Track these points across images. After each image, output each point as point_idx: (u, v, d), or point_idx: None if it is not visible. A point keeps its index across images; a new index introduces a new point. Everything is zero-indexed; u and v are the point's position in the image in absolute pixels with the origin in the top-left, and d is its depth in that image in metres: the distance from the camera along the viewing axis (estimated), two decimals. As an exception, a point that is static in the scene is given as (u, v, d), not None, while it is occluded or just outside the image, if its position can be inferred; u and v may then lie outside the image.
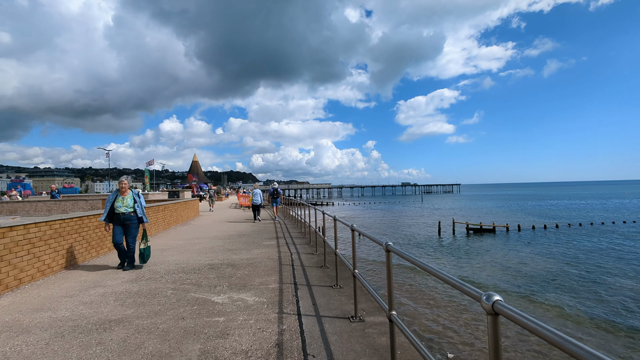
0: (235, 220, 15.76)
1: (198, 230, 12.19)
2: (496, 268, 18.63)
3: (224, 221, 15.42)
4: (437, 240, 29.33)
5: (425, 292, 13.36)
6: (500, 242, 28.09)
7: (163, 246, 8.73)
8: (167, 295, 4.66)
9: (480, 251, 24.08)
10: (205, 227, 13.17)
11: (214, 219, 16.64)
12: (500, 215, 47.74)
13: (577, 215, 46.21)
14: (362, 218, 48.73)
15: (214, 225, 13.85)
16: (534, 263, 19.69)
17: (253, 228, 12.59)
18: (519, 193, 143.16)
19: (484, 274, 17.24)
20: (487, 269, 18.22)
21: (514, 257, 21.55)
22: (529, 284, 15.42)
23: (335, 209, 68.77)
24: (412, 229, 36.58)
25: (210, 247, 8.48)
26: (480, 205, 73.21)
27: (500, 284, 15.46)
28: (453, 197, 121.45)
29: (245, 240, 9.53)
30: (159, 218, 11.53)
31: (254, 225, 13.64)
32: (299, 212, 13.76)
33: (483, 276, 16.80)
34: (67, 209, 17.95)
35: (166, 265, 6.49)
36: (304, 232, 11.15)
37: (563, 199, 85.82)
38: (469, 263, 19.90)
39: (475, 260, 20.77)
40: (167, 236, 10.59)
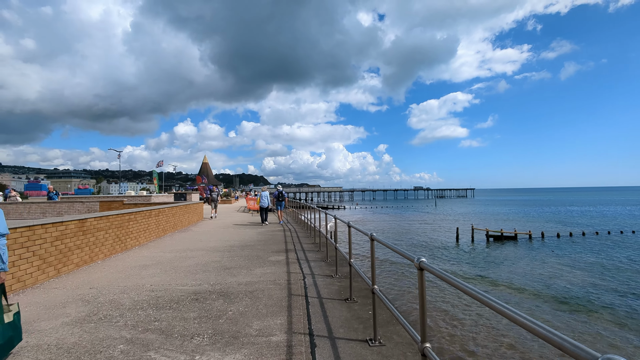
0: (241, 226, 14.19)
1: (196, 238, 10.61)
2: (527, 279, 16.62)
3: (229, 227, 13.86)
4: (455, 247, 27.42)
5: (469, 323, 11.46)
6: (523, 250, 25.91)
7: (146, 261, 7.14)
8: (113, 356, 3.01)
9: (504, 260, 22.16)
10: (206, 234, 11.60)
11: (217, 224, 15.09)
12: (519, 222, 45.54)
13: (602, 223, 43.54)
14: (375, 222, 46.89)
15: (216, 232, 12.28)
16: (571, 276, 17.55)
17: (259, 237, 10.95)
18: (536, 198, 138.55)
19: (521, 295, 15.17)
20: (520, 283, 16.15)
21: (542, 268, 19.53)
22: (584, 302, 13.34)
23: (346, 213, 66.88)
24: (427, 235, 34.71)
25: (203, 264, 6.84)
26: (496, 210, 70.75)
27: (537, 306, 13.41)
28: (467, 201, 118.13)
29: (247, 254, 7.88)
30: (151, 225, 9.98)
31: (261, 232, 12.02)
32: (309, 216, 12.37)
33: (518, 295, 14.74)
34: (63, 211, 16.69)
35: (136, 294, 4.84)
36: (318, 243, 9.45)
37: (584, 205, 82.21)
38: (497, 275, 17.85)
39: (503, 271, 18.74)
40: (157, 246, 9.03)
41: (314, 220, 11.45)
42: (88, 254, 6.67)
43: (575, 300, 13.91)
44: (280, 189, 16.03)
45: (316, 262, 7.08)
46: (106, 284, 5.35)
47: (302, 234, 11.88)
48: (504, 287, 15.74)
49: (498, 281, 16.66)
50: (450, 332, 9.97)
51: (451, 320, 10.93)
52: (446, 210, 70.72)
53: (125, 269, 6.38)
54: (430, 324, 10.62)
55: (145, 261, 7.11)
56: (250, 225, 14.87)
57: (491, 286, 15.86)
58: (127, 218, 8.37)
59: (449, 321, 10.85)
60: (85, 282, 5.50)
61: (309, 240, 10.41)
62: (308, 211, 13.04)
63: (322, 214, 8.49)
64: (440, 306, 12.26)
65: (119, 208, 16.90)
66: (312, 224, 10.80)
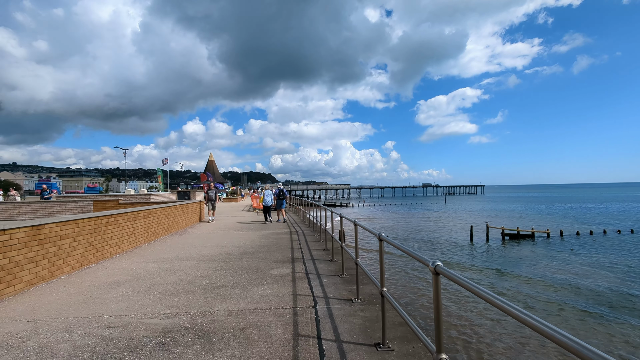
0: (243, 227, 12.89)
1: (190, 243, 9.29)
2: (556, 285, 15.04)
3: (229, 229, 12.56)
4: (470, 246, 26.00)
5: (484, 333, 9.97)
6: (542, 249, 24.31)
7: (121, 275, 5.82)
8: None
9: (523, 261, 20.72)
10: (202, 238, 10.29)
11: (217, 226, 13.79)
12: (534, 219, 43.74)
13: (622, 221, 41.27)
14: (384, 220, 45.42)
15: (214, 235, 10.97)
16: (600, 279, 15.89)
17: (262, 241, 9.60)
18: (549, 195, 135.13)
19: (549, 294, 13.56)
20: (547, 288, 14.55)
21: (567, 269, 18.01)
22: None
23: (354, 210, 65.42)
24: (439, 233, 33.09)
25: (188, 280, 5.49)
26: (509, 207, 68.65)
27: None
28: (477, 198, 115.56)
29: (246, 266, 6.51)
30: (137, 228, 8.69)
31: (264, 236, 10.66)
32: (315, 214, 11.38)
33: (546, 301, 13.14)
34: (55, 211, 15.60)
35: (83, 333, 3.47)
36: (330, 250, 8.07)
37: (600, 202, 79.23)
38: (517, 277, 16.29)
39: (523, 273, 17.27)
40: (142, 254, 7.72)
41: (320, 219, 10.39)
42: (47, 268, 5.38)
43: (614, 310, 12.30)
44: (282, 186, 15.55)
45: (329, 276, 5.68)
46: (53, 314, 4.03)
47: (311, 237, 10.50)
48: (535, 299, 14.15)
49: (521, 292, 15.03)
50: (467, 340, 9.10)
51: (468, 328, 10.01)
52: (457, 208, 68.99)
53: (88, 289, 5.06)
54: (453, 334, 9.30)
55: (119, 276, 5.79)
56: (253, 225, 13.56)
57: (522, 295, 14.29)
58: (104, 222, 7.07)
59: (465, 329, 9.91)
60: (28, 309, 4.19)
61: (319, 245, 9.02)
62: (315, 209, 11.68)
63: (331, 213, 7.57)
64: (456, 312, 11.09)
65: (114, 207, 15.74)
66: (319, 223, 9.94)
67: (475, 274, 17.73)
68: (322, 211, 9.06)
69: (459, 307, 11.68)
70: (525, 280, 16.18)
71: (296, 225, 14.07)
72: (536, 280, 16.09)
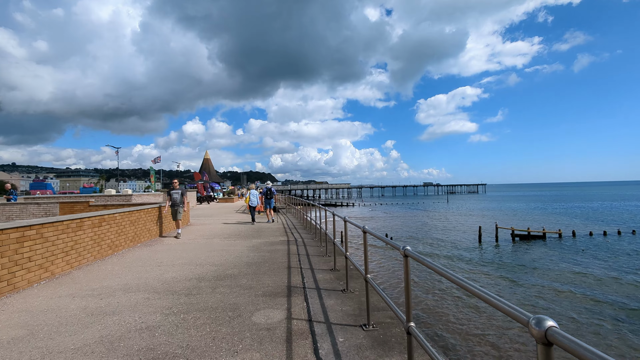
0: (232, 233, 10.70)
1: (155, 260, 7.06)
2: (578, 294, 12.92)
3: (214, 236, 10.35)
4: (479, 248, 24.56)
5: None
6: (556, 251, 22.82)
7: (8, 328, 3.61)
8: None
9: (538, 264, 19.05)
10: (176, 250, 8.07)
11: (202, 232, 11.58)
12: (542, 219, 42.14)
13: (633, 221, 39.20)
14: (388, 221, 43.32)
15: (192, 245, 8.75)
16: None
17: (250, 255, 7.38)
18: (551, 194, 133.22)
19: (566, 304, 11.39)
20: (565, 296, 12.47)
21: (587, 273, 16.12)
22: None
23: (356, 210, 63.24)
24: (445, 234, 31.60)
25: (112, 342, 3.25)
26: (513, 206, 67.02)
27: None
28: (479, 197, 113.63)
29: (218, 304, 4.27)
30: (83, 240, 6.46)
31: (253, 248, 8.42)
32: (315, 215, 10.12)
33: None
34: (13, 215, 13.38)
35: None
36: (340, 269, 5.89)
37: (605, 201, 77.39)
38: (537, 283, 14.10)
39: (541, 278, 15.23)
40: (79, 279, 5.47)
41: (319, 221, 8.69)
42: None
43: None
44: (270, 185, 14.78)
45: (347, 328, 3.49)
46: None
47: (313, 249, 8.29)
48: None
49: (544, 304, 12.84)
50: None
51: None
52: (460, 207, 67.28)
53: None
54: None
55: (3, 330, 3.58)
56: (244, 231, 11.37)
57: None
58: (16, 237, 4.86)
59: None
60: None
61: (324, 262, 6.81)
62: (316, 211, 9.56)
63: (333, 216, 6.39)
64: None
65: (83, 210, 13.55)
66: (319, 226, 8.79)
67: (491, 280, 15.51)
68: (321, 211, 7.97)
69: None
70: (557, 292, 13.96)
71: (294, 230, 11.89)
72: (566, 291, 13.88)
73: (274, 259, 7.05)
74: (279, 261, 6.81)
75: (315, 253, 7.76)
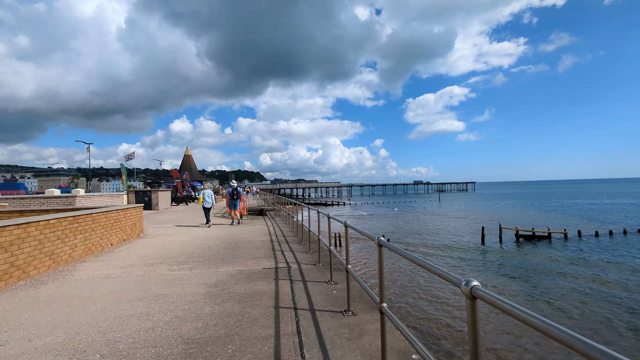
0: (192, 254, 7.14)
1: (24, 322, 3.58)
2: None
3: (164, 259, 6.75)
4: (482, 249, 23.58)
5: None
6: (564, 252, 22.08)
7: None
8: None
9: (550, 267, 18.16)
10: (60, 306, 4.47)
11: (151, 251, 8.01)
12: (541, 217, 41.47)
13: (630, 218, 38.81)
14: (383, 220, 40.65)
15: (102, 289, 5.18)
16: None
17: (201, 317, 3.87)
18: (541, 191, 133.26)
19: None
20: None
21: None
22: None
23: (347, 210, 60.08)
24: (447, 235, 30.30)
25: None
26: (506, 205, 65.92)
27: None
28: (469, 196, 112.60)
29: None
30: None
31: (216, 285, 4.89)
32: (306, 217, 7.98)
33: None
34: None
35: None
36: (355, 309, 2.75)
37: (599, 198, 77.22)
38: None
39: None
40: None
41: (318, 233, 6.17)
42: None
43: None
44: (235, 185, 14.08)
45: None
46: None
47: (319, 288, 4.92)
48: None
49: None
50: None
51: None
52: (452, 206, 65.69)
53: None
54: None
55: None
56: (214, 247, 7.91)
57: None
58: None
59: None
60: None
61: (339, 321, 3.46)
62: (306, 211, 6.29)
63: (328, 220, 5.23)
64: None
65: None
66: (317, 238, 6.50)
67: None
68: (319, 216, 6.21)
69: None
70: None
71: (284, 244, 8.52)
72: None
73: (248, 326, 3.63)
74: (256, 336, 3.41)
75: (321, 296, 4.40)
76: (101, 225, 7.90)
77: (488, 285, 14.69)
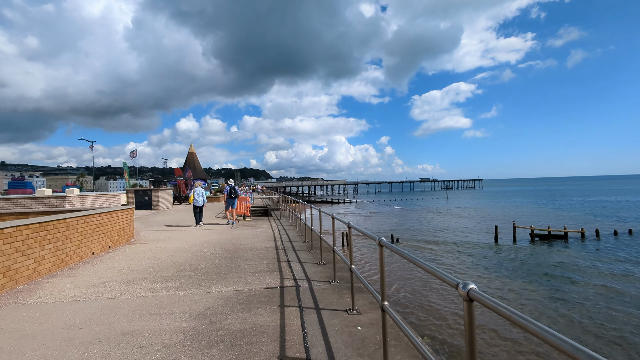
0: (181, 268, 5.94)
1: None
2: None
3: (148, 274, 5.62)
4: (496, 249, 22.78)
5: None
6: (582, 252, 21.23)
7: None
8: None
9: (571, 269, 17.28)
10: (54, 316, 3.46)
11: (136, 262, 6.85)
12: (554, 216, 40.31)
13: None
14: (390, 219, 39.79)
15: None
16: None
17: (193, 330, 2.96)
18: (552, 188, 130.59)
19: None
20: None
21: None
22: None
23: (353, 208, 58.84)
24: (458, 233, 29.50)
25: None
26: (517, 202, 64.61)
27: None
28: (477, 193, 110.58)
29: None
30: None
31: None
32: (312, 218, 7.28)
33: None
34: None
35: None
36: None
37: (609, 195, 74.95)
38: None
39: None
40: None
41: (333, 245, 4.93)
42: None
43: None
44: (232, 184, 13.80)
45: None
46: None
47: (329, 298, 3.77)
48: None
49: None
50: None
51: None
52: (461, 204, 64.37)
53: None
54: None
55: None
56: (208, 254, 6.80)
57: None
58: None
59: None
60: None
61: (363, 356, 2.39)
62: (307, 210, 5.20)
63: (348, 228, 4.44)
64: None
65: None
66: (324, 243, 6.12)
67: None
68: (319, 215, 5.90)
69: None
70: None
71: (290, 251, 7.36)
72: None
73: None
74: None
75: (345, 335, 3.23)
76: (79, 232, 6.79)
77: (504, 289, 14.19)
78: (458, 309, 11.28)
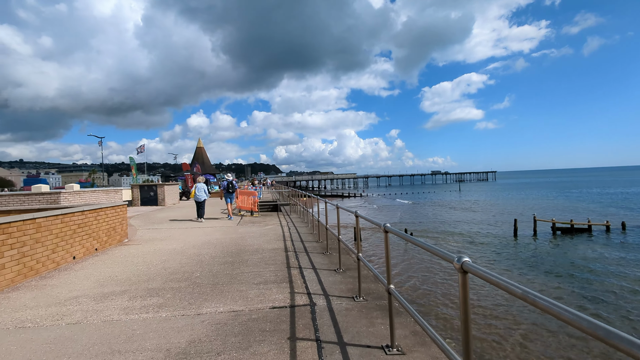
0: (173, 276, 4.85)
1: None
2: None
3: (131, 285, 4.59)
4: (514, 244, 22.13)
5: None
6: (609, 246, 20.12)
7: None
8: None
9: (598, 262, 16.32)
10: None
11: (123, 268, 5.80)
12: (573, 208, 38.09)
13: None
14: (404, 212, 38.62)
15: (45, 333, 3.06)
16: None
17: None
18: (566, 180, 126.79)
19: None
20: None
21: None
22: None
23: (363, 201, 57.60)
24: (475, 227, 28.43)
25: None
26: (532, 194, 62.63)
27: None
28: (491, 185, 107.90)
29: None
30: None
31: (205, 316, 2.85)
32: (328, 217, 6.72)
33: None
34: None
35: None
36: None
37: (629, 187, 71.29)
38: None
39: None
40: None
41: (358, 253, 3.93)
42: None
43: None
44: (230, 178, 13.77)
45: None
46: None
47: (354, 323, 2.68)
48: None
49: None
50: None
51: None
52: (475, 197, 62.36)
53: None
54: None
55: None
56: (207, 258, 5.74)
57: None
58: None
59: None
60: None
61: None
62: (318, 204, 4.19)
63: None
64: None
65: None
66: (342, 245, 5.12)
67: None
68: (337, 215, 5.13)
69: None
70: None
71: (302, 253, 6.26)
72: None
73: None
74: None
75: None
76: (54, 234, 5.77)
77: (527, 283, 13.52)
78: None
